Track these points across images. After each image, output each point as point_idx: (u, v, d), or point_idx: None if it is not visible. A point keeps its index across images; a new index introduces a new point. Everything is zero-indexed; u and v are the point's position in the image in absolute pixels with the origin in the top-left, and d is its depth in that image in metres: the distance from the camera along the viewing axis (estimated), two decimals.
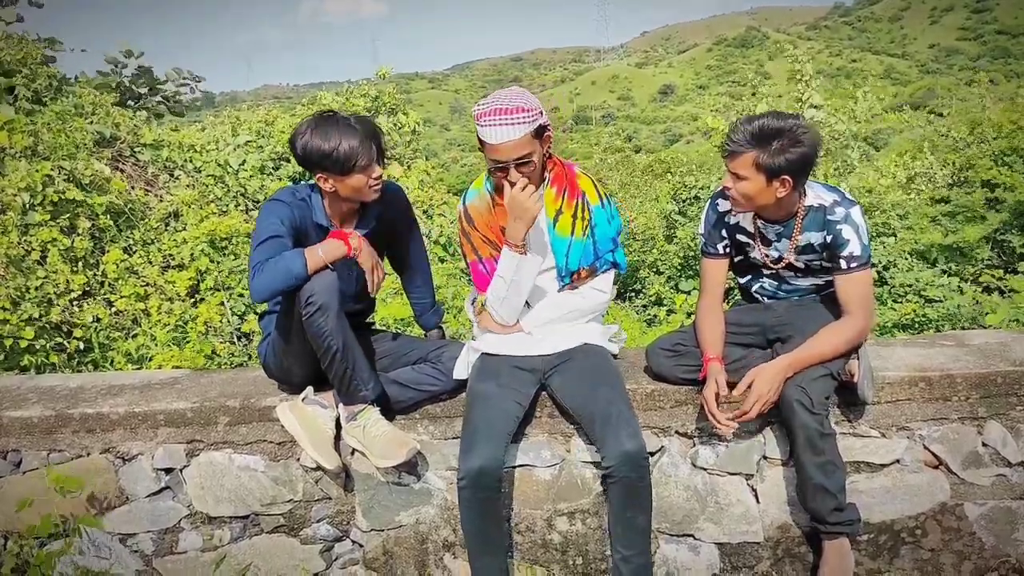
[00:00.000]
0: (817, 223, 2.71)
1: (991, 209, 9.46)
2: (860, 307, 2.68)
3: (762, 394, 2.59)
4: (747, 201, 2.67)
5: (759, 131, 2.56)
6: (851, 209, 2.67)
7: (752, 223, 2.83)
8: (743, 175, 2.61)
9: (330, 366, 2.68)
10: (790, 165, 2.55)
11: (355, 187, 2.73)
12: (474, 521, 2.63)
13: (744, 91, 12.63)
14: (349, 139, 2.65)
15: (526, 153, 2.62)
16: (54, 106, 7.81)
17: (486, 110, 2.60)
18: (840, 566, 2.67)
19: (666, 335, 3.00)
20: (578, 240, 2.82)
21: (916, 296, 8.32)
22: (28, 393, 3.17)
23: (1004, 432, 2.79)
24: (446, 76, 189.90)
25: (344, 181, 2.71)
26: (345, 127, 2.67)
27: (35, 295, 5.47)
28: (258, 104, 11.59)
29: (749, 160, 2.58)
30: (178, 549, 3.01)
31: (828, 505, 2.62)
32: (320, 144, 2.65)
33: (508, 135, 2.58)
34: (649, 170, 21.05)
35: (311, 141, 2.66)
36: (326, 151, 2.65)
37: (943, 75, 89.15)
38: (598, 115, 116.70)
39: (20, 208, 5.84)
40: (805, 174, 2.63)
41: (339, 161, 2.65)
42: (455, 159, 34.30)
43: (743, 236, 2.88)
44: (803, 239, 2.74)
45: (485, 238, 2.84)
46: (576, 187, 2.85)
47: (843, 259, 2.67)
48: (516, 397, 2.72)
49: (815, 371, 2.62)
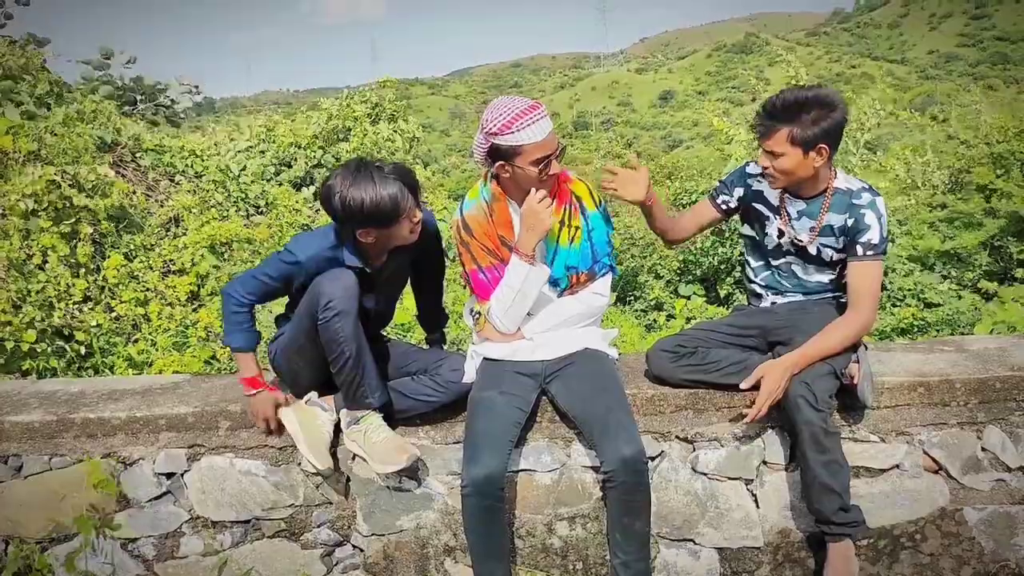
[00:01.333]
0: (842, 205, 2.74)
1: (988, 215, 9.48)
2: (867, 298, 2.69)
3: (772, 391, 2.61)
4: (786, 176, 2.71)
5: (789, 105, 2.61)
6: (876, 198, 2.72)
7: (778, 195, 2.85)
8: (779, 151, 2.65)
9: (340, 371, 2.69)
10: (825, 134, 2.61)
11: (400, 236, 2.72)
12: (478, 528, 2.63)
13: (744, 97, 12.65)
14: (390, 189, 2.59)
15: (561, 144, 2.69)
16: (57, 111, 7.84)
17: (518, 112, 2.61)
18: (845, 569, 2.67)
19: (667, 337, 3.02)
20: (564, 248, 2.83)
21: (915, 300, 8.33)
22: (29, 398, 3.17)
23: (1003, 437, 2.80)
24: (446, 82, 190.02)
25: (388, 231, 2.68)
26: (380, 177, 2.60)
27: (36, 299, 5.48)
28: (258, 109, 11.61)
29: (784, 136, 2.63)
30: (179, 554, 3.01)
31: (833, 505, 2.62)
32: (362, 198, 2.56)
33: (550, 126, 2.65)
34: (650, 176, 21.01)
35: (350, 195, 2.57)
36: (369, 206, 2.57)
37: (942, 81, 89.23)
38: (598, 121, 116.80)
39: (23, 213, 5.86)
40: (839, 140, 2.68)
41: (385, 214, 2.60)
42: (455, 164, 34.33)
43: (762, 206, 2.90)
44: (826, 219, 2.77)
45: (484, 247, 2.85)
46: (566, 193, 2.86)
47: (860, 245, 2.69)
48: (518, 403, 2.73)
49: (819, 368, 2.64)
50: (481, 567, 2.69)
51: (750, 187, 2.94)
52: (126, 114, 9.89)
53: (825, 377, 2.63)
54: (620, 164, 3.00)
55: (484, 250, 2.85)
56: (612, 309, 11.18)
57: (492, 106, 2.68)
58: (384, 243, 2.75)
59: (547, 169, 2.69)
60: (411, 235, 2.74)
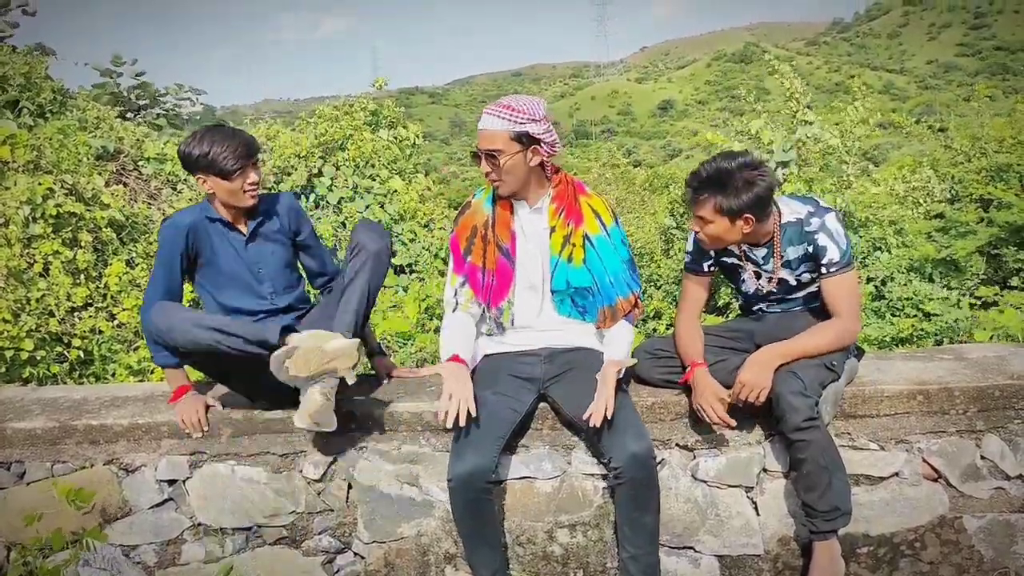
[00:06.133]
0: (797, 236, 2.79)
1: (986, 225, 9.49)
2: (845, 307, 2.74)
3: (748, 380, 2.64)
4: (716, 241, 2.79)
5: (715, 176, 2.68)
6: (825, 217, 2.76)
7: (736, 245, 2.89)
8: (707, 218, 2.72)
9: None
10: (749, 205, 2.66)
11: (231, 191, 2.90)
12: (466, 520, 2.67)
13: (743, 106, 12.68)
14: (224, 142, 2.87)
15: (495, 148, 2.71)
16: (56, 120, 7.86)
17: (492, 103, 2.74)
18: (830, 569, 2.68)
19: (650, 340, 3.11)
20: (564, 263, 2.84)
21: (914, 309, 8.33)
22: (32, 405, 3.19)
23: (1002, 445, 2.81)
24: (446, 91, 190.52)
25: (220, 184, 2.89)
26: (222, 133, 2.90)
27: (36, 307, 5.49)
28: (259, 118, 11.64)
29: (710, 205, 2.69)
30: (180, 561, 3.02)
31: (819, 495, 2.62)
32: (193, 149, 2.86)
33: (486, 124, 2.71)
34: (648, 185, 21.09)
35: (189, 147, 2.88)
36: (200, 153, 2.85)
37: (941, 91, 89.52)
38: (598, 130, 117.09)
39: (22, 221, 5.87)
40: (765, 209, 2.72)
41: (214, 164, 2.85)
42: (455, 173, 34.36)
43: (730, 259, 2.96)
44: (786, 255, 2.82)
45: (465, 229, 2.92)
46: (576, 212, 2.87)
47: (824, 266, 2.76)
48: (512, 404, 2.74)
49: (809, 360, 2.68)
50: (474, 556, 2.73)
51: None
52: (128, 119, 9.91)
53: (814, 368, 2.66)
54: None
55: (464, 233, 2.93)
56: None
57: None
58: (220, 196, 2.94)
59: (476, 160, 2.77)
60: (246, 197, 2.93)
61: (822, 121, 9.40)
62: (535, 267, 2.86)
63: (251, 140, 2.94)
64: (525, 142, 2.71)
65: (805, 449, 2.59)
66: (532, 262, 2.86)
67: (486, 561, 2.73)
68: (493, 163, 2.72)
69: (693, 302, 3.02)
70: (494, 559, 2.74)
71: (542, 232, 2.86)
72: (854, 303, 2.76)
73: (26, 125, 7.63)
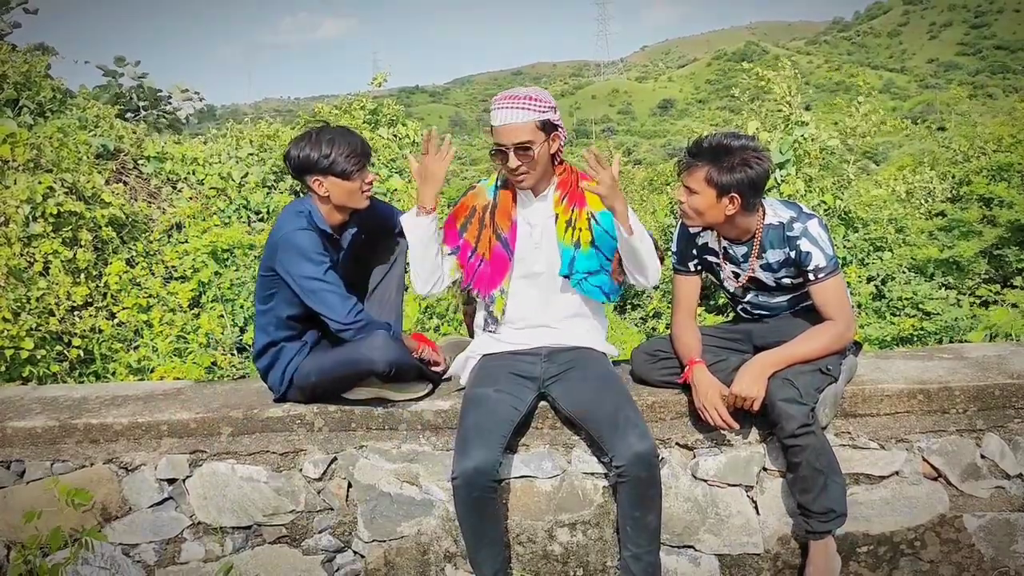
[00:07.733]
0: (778, 240, 2.78)
1: (987, 224, 9.49)
2: (837, 311, 2.74)
3: (740, 391, 2.64)
4: (697, 215, 2.76)
5: (714, 147, 2.67)
6: (808, 223, 2.75)
7: (717, 242, 2.88)
8: (695, 189, 2.70)
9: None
10: (739, 184, 2.65)
11: (350, 191, 2.85)
12: (470, 518, 2.66)
13: (742, 106, 12.68)
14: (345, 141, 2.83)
15: (526, 140, 2.68)
16: (56, 120, 7.85)
17: (501, 95, 2.70)
18: (826, 567, 2.68)
19: (648, 341, 3.12)
20: (568, 248, 2.85)
21: (914, 309, 8.34)
22: (32, 404, 3.19)
23: (1002, 444, 2.81)
24: (446, 89, 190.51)
25: (340, 185, 2.83)
26: (337, 133, 2.86)
27: (36, 306, 5.49)
28: (259, 117, 11.62)
29: (702, 175, 2.68)
30: (180, 559, 3.02)
31: (817, 498, 2.63)
32: (312, 151, 2.81)
33: (511, 118, 2.66)
34: (648, 184, 21.09)
35: (307, 150, 2.82)
36: (322, 155, 2.80)
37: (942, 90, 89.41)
38: (598, 129, 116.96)
39: (22, 220, 5.87)
40: (754, 195, 2.71)
41: (335, 164, 2.79)
42: (455, 172, 34.35)
43: (711, 256, 2.95)
44: (765, 257, 2.81)
45: (463, 209, 2.95)
46: (579, 195, 2.87)
47: (810, 272, 2.74)
48: (513, 402, 2.74)
49: (803, 366, 2.67)
50: (476, 555, 2.72)
51: (695, 243, 2.98)
52: (128, 119, 9.90)
53: (809, 373, 2.66)
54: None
55: (463, 212, 2.95)
56: (612, 317, 11.18)
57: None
58: (337, 198, 2.87)
59: (501, 158, 2.73)
60: (362, 197, 2.89)
61: (819, 121, 9.41)
62: (537, 258, 2.86)
63: (364, 139, 2.92)
64: (548, 130, 2.71)
65: (800, 454, 2.60)
66: (534, 253, 2.86)
67: (488, 559, 2.72)
68: (526, 156, 2.69)
69: (685, 301, 3.03)
70: (496, 557, 2.74)
71: (547, 220, 2.86)
72: (845, 306, 2.77)
73: (26, 124, 7.62)
